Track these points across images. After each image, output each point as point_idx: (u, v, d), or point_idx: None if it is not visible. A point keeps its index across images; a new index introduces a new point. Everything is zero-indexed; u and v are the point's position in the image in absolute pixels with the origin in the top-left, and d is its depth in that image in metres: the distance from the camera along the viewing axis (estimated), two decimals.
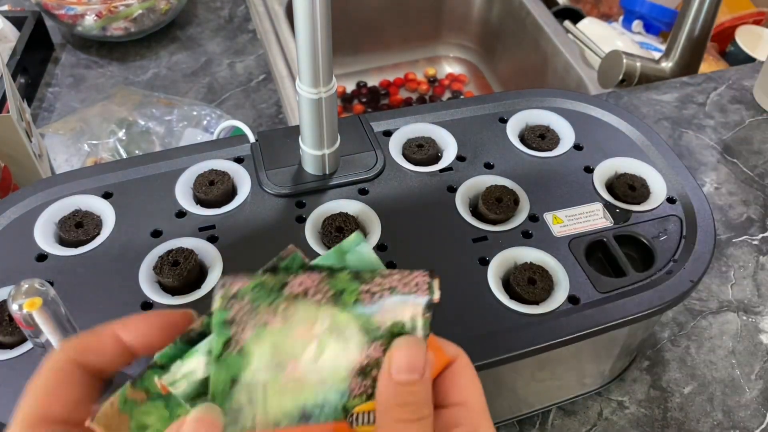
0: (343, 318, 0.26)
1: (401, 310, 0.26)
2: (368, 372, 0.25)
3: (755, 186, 0.64)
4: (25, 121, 0.58)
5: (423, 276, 0.26)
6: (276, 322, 0.25)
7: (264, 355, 0.25)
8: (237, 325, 0.25)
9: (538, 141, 0.48)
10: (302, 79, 0.39)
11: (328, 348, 0.26)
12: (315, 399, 0.25)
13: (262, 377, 0.25)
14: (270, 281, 0.26)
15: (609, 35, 0.93)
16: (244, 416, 0.24)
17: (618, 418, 0.48)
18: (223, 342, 0.25)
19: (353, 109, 1.04)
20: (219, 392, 0.24)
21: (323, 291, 0.26)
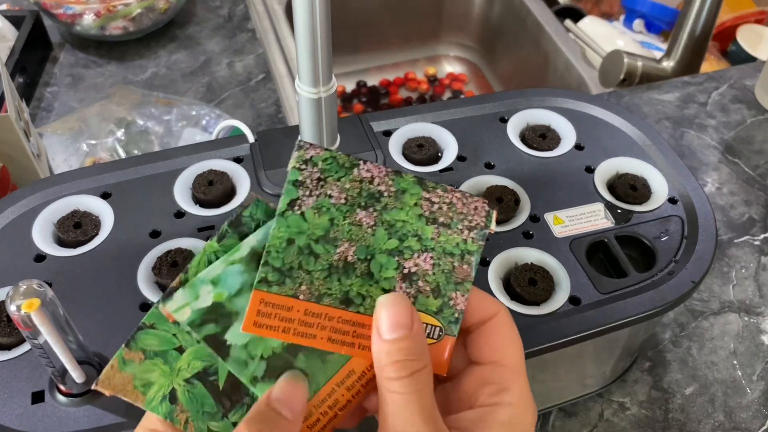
0: (401, 217, 0.27)
1: (457, 228, 0.27)
2: (414, 280, 0.26)
3: (757, 186, 0.63)
4: (23, 120, 0.58)
5: (483, 203, 0.27)
6: (340, 199, 0.26)
7: (321, 227, 0.26)
8: (305, 188, 0.26)
9: (539, 141, 0.48)
10: (302, 79, 0.38)
11: (382, 242, 0.26)
12: (359, 288, 0.26)
13: (315, 248, 0.26)
14: (343, 158, 0.27)
15: (610, 34, 0.93)
16: (292, 279, 0.25)
17: (619, 419, 0.48)
18: (289, 200, 0.26)
19: (353, 109, 1.04)
20: (275, 247, 0.25)
21: (387, 184, 0.27)
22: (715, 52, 0.95)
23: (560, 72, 0.89)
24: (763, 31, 0.93)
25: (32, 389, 0.33)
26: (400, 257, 0.26)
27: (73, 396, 0.32)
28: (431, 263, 0.26)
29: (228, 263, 0.26)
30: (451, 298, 0.26)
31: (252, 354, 0.25)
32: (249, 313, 0.25)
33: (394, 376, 0.24)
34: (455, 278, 0.26)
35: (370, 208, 0.26)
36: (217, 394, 0.26)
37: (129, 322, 0.36)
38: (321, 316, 0.25)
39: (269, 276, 0.25)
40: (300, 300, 0.25)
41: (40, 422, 0.32)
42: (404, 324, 0.24)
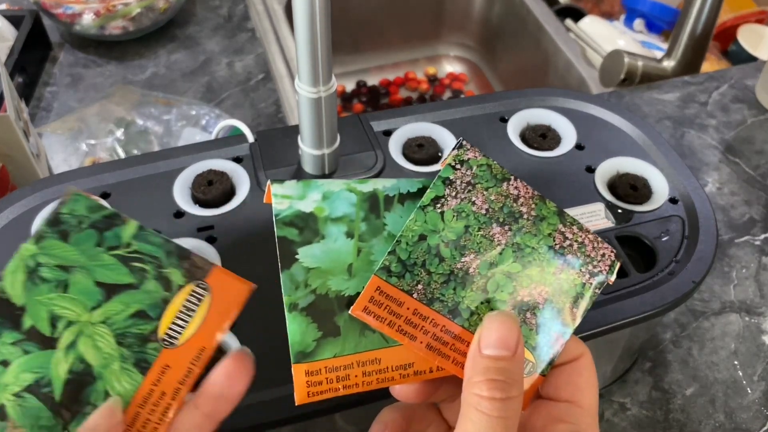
0: (532, 243, 0.26)
1: (580, 270, 0.26)
2: (523, 310, 0.26)
3: (757, 186, 0.63)
4: (22, 120, 0.58)
5: (611, 252, 0.27)
6: (481, 209, 0.26)
7: (455, 232, 0.26)
8: (453, 188, 0.26)
9: (539, 141, 0.48)
10: (301, 78, 0.38)
11: (506, 263, 0.26)
12: (471, 302, 0.25)
13: (443, 250, 0.25)
14: (497, 168, 0.27)
15: (610, 34, 0.93)
16: (412, 275, 0.25)
17: (620, 419, 0.48)
18: (434, 196, 0.26)
19: (353, 109, 1.03)
20: (406, 239, 0.25)
21: (529, 206, 0.27)
22: (716, 52, 0.95)
23: (561, 72, 0.89)
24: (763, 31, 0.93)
25: None
26: (518, 283, 0.26)
27: None
28: (545, 298, 0.26)
29: (348, 187, 0.25)
30: (552, 338, 0.26)
31: (309, 282, 0.25)
32: (362, 297, 0.24)
33: (487, 395, 0.23)
34: (562, 319, 0.26)
35: (506, 226, 0.26)
36: (54, 406, 0.24)
37: None
38: (427, 320, 0.25)
39: (392, 266, 0.25)
40: (413, 298, 0.25)
41: None
42: (510, 345, 0.24)
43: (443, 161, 0.26)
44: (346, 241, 0.25)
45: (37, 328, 0.25)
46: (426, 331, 0.25)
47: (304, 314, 0.25)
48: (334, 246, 0.25)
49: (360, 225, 0.26)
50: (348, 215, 0.25)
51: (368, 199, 0.26)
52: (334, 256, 0.25)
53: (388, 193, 0.26)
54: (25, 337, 0.25)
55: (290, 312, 0.25)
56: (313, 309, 0.25)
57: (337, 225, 0.25)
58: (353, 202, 0.26)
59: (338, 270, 0.25)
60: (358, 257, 0.26)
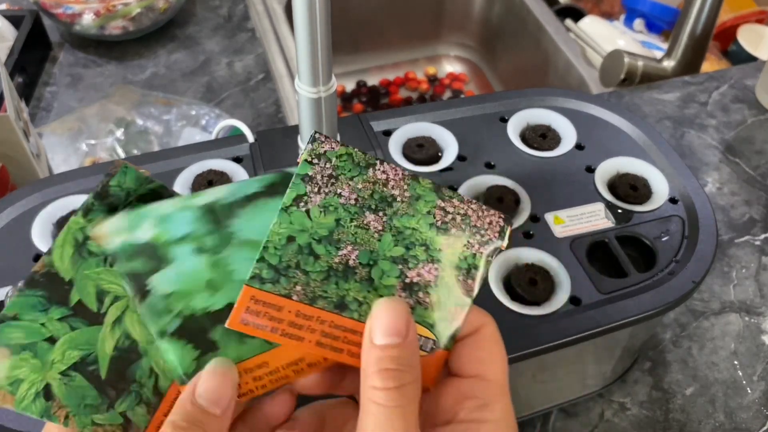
0: (411, 224, 0.26)
1: (467, 242, 0.26)
2: (415, 291, 0.25)
3: (757, 186, 0.63)
4: (22, 120, 0.58)
5: (498, 217, 0.26)
6: (350, 199, 0.25)
7: (326, 227, 0.25)
8: (314, 184, 0.25)
9: (539, 140, 0.48)
10: (301, 78, 0.38)
11: (387, 248, 0.25)
12: (357, 294, 0.25)
13: (316, 248, 0.25)
14: (359, 156, 0.26)
15: (610, 34, 0.93)
16: (287, 278, 0.24)
17: (619, 419, 0.48)
18: (295, 195, 0.25)
19: (353, 109, 1.03)
20: (273, 243, 0.24)
21: (402, 188, 0.26)
22: (716, 52, 0.95)
23: (560, 72, 0.89)
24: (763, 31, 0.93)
25: None
26: (404, 266, 0.25)
27: None
28: (435, 275, 0.25)
29: (182, 207, 0.24)
30: (450, 312, 0.25)
31: (171, 307, 0.24)
32: (237, 309, 0.23)
33: (380, 385, 0.22)
34: (457, 293, 0.25)
35: (380, 212, 0.25)
36: (100, 384, 0.24)
37: None
38: (312, 319, 0.24)
39: (263, 273, 0.24)
40: (293, 300, 0.24)
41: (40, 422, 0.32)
42: (399, 331, 0.23)
43: (299, 157, 0.25)
44: (197, 258, 0.24)
45: (84, 303, 0.24)
46: (313, 329, 0.24)
47: (176, 338, 0.24)
48: (185, 267, 0.24)
49: (206, 239, 0.25)
50: (191, 233, 0.24)
51: (206, 213, 0.25)
52: (188, 276, 0.24)
53: (226, 200, 0.25)
54: (73, 313, 0.24)
55: (161, 339, 0.24)
56: (184, 331, 0.24)
57: (181, 246, 0.24)
58: (192, 219, 0.25)
59: (197, 288, 0.24)
60: (214, 271, 0.25)
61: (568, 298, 0.38)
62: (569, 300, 0.38)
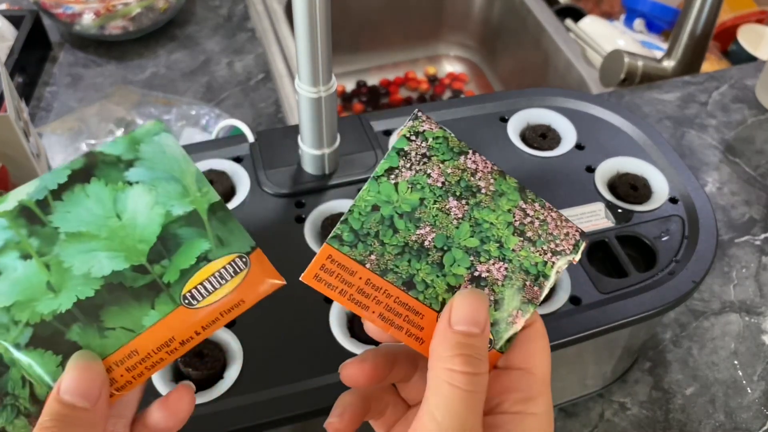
0: (490, 218, 0.26)
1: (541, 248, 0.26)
2: (482, 285, 0.25)
3: (757, 186, 0.63)
4: (22, 120, 0.58)
5: (576, 231, 0.26)
6: (437, 181, 0.26)
7: (410, 204, 0.25)
8: (407, 159, 0.26)
9: (540, 140, 0.48)
10: (302, 78, 0.38)
11: (463, 237, 0.26)
12: (426, 275, 0.25)
13: (397, 222, 0.25)
14: (454, 141, 0.26)
15: (610, 34, 0.92)
16: (365, 245, 0.25)
17: (620, 419, 0.48)
18: (388, 166, 0.25)
19: (353, 109, 1.03)
20: (359, 208, 0.25)
21: (488, 181, 0.26)
22: (716, 52, 0.95)
23: (561, 71, 0.89)
24: (763, 31, 0.93)
25: None
26: (476, 258, 0.26)
27: None
28: (504, 274, 0.26)
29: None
30: (511, 315, 0.25)
31: (16, 318, 0.23)
32: (313, 265, 0.24)
33: (460, 369, 0.23)
34: (522, 297, 0.26)
35: (463, 200, 0.26)
36: None
37: None
38: (380, 291, 0.25)
39: (344, 235, 0.25)
40: (366, 268, 0.25)
41: None
42: (478, 322, 0.24)
43: (398, 132, 0.26)
44: (27, 263, 0.24)
45: None
46: (379, 301, 0.25)
47: (32, 348, 0.23)
48: (17, 275, 0.23)
49: (29, 242, 0.24)
50: (10, 240, 0.23)
51: (20, 214, 0.24)
52: (23, 284, 0.23)
53: (37, 197, 0.24)
54: None
55: (18, 352, 0.23)
56: (38, 339, 0.23)
57: (5, 255, 0.23)
58: (5, 225, 0.24)
59: (38, 293, 0.23)
60: (50, 271, 0.24)
61: (568, 297, 0.38)
62: (569, 300, 0.38)
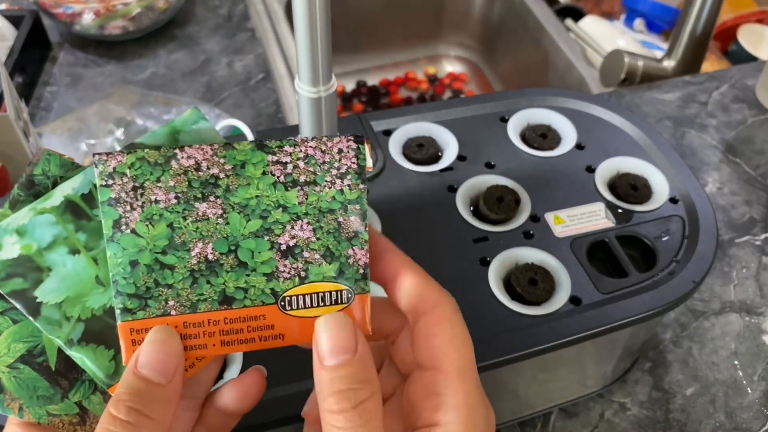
0: (251, 193, 0.24)
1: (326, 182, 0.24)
2: (297, 253, 0.24)
3: (758, 186, 0.63)
4: (22, 120, 0.58)
5: (347, 141, 0.24)
6: (169, 200, 0.23)
7: (162, 236, 0.23)
8: (123, 204, 0.23)
9: (540, 140, 0.47)
10: (301, 78, 0.38)
11: (240, 227, 0.23)
12: (236, 282, 0.23)
13: (165, 259, 0.23)
14: (153, 156, 0.23)
15: (611, 34, 0.92)
16: (155, 299, 0.23)
17: (620, 419, 0.48)
18: (111, 222, 0.23)
19: (353, 109, 1.03)
20: (119, 274, 0.23)
21: (219, 164, 0.24)
22: (716, 52, 0.95)
23: (561, 71, 0.89)
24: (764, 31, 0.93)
25: None
26: (271, 235, 0.23)
27: None
28: (311, 229, 0.24)
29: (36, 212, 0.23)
30: (348, 256, 0.24)
31: (67, 314, 0.23)
32: (125, 348, 0.23)
33: (337, 408, 0.21)
34: (345, 234, 0.24)
35: (210, 197, 0.23)
36: (50, 375, 0.24)
37: None
38: (203, 324, 0.23)
39: (127, 304, 0.23)
40: (174, 316, 0.23)
41: None
42: (347, 347, 0.22)
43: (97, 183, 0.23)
44: (76, 258, 0.24)
45: None
46: (210, 333, 0.23)
47: (85, 344, 0.23)
48: (66, 270, 0.23)
49: (77, 237, 0.24)
50: (59, 235, 0.23)
51: (66, 210, 0.24)
52: (74, 279, 0.24)
53: (82, 191, 0.24)
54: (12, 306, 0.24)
55: (70, 349, 0.23)
56: (90, 334, 0.23)
57: (54, 251, 0.23)
58: (52, 221, 0.23)
59: (88, 288, 0.24)
60: (99, 266, 0.24)
61: (569, 298, 0.38)
62: (569, 300, 0.38)
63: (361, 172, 0.24)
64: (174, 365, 0.22)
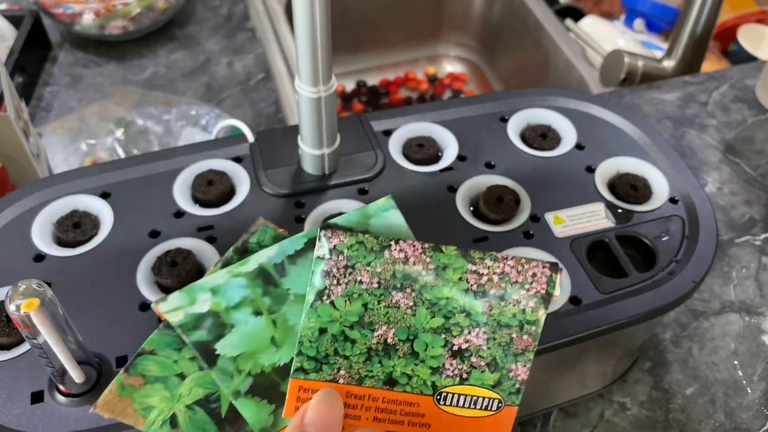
0: (444, 294, 0.26)
1: (513, 299, 0.26)
2: (466, 356, 0.26)
3: (757, 186, 0.63)
4: (22, 120, 0.58)
5: (543, 267, 0.26)
6: (372, 283, 0.26)
7: (355, 314, 0.26)
8: (332, 277, 0.26)
9: (540, 140, 0.48)
10: (301, 78, 0.38)
11: (424, 321, 0.26)
12: (404, 368, 0.25)
13: (350, 333, 0.25)
14: (370, 242, 0.26)
15: (611, 34, 0.93)
16: (329, 365, 0.25)
17: (620, 419, 0.48)
18: (316, 291, 0.26)
19: (353, 109, 1.03)
20: (307, 337, 0.25)
21: (424, 262, 0.26)
22: (716, 52, 0.95)
23: (561, 71, 0.89)
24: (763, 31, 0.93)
25: (32, 389, 0.33)
26: (448, 335, 0.26)
27: (72, 396, 0.32)
28: (485, 338, 0.26)
29: (232, 275, 0.26)
30: (510, 370, 0.26)
31: (240, 368, 0.25)
32: (289, 400, 0.25)
33: None
34: (514, 350, 0.26)
35: (407, 289, 0.26)
36: (219, 422, 0.26)
37: (129, 322, 0.35)
38: (364, 398, 0.25)
39: (305, 364, 0.25)
40: (341, 384, 0.25)
41: (40, 422, 0.32)
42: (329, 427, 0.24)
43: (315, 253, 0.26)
44: (257, 319, 0.26)
45: None
46: (367, 407, 0.25)
47: (250, 396, 0.25)
48: (247, 329, 0.26)
49: (262, 300, 0.26)
50: (246, 297, 0.26)
51: (258, 276, 0.26)
52: (252, 337, 0.26)
53: (275, 261, 0.26)
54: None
55: (236, 399, 0.25)
56: (256, 388, 0.26)
57: (240, 311, 0.26)
58: (244, 284, 0.26)
59: (263, 346, 0.26)
60: (276, 328, 0.26)
61: (568, 298, 0.38)
62: (569, 300, 0.38)
63: (547, 299, 0.26)
64: (334, 427, 0.24)
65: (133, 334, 0.35)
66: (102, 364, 0.33)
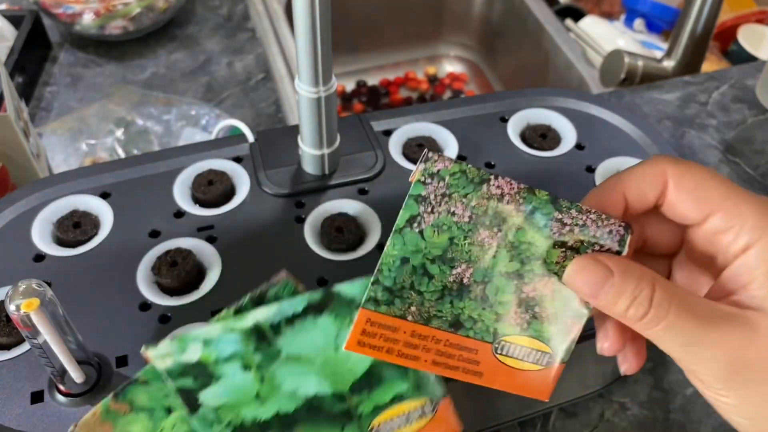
0: (527, 239, 0.25)
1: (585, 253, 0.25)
2: (531, 305, 0.25)
3: (757, 186, 0.63)
4: (22, 120, 0.58)
5: (619, 226, 0.25)
6: (463, 217, 0.25)
7: (439, 247, 0.25)
8: (427, 204, 0.25)
9: (540, 140, 0.48)
10: (301, 78, 0.38)
11: (502, 264, 0.25)
12: (471, 311, 0.25)
13: (430, 268, 0.25)
14: (473, 172, 0.25)
15: (611, 34, 0.93)
16: (402, 300, 0.24)
17: (620, 419, 0.48)
18: (408, 216, 0.25)
19: (353, 109, 1.03)
20: (387, 265, 0.24)
21: (517, 202, 0.25)
22: (716, 52, 0.95)
23: (561, 71, 0.89)
24: (763, 31, 0.93)
25: (32, 389, 0.33)
26: (520, 281, 0.25)
27: (72, 396, 0.32)
28: (552, 288, 0.25)
29: (227, 330, 0.25)
30: (566, 325, 0.25)
31: (221, 417, 0.25)
32: (354, 332, 0.24)
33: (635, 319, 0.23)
34: (574, 305, 0.25)
35: (494, 228, 0.25)
36: None
37: (129, 322, 0.35)
38: (428, 339, 0.24)
39: (378, 295, 0.24)
40: (408, 321, 0.24)
41: (40, 422, 0.32)
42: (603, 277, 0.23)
43: (412, 176, 0.25)
44: (245, 373, 0.25)
45: None
46: (428, 348, 0.24)
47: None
48: (233, 382, 0.25)
49: (253, 357, 0.25)
50: (238, 352, 0.25)
51: (252, 332, 0.25)
52: (237, 390, 0.25)
53: (272, 321, 0.25)
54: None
55: None
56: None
57: (229, 364, 0.25)
58: (237, 340, 0.25)
59: (247, 400, 0.25)
60: (262, 384, 0.25)
61: None
62: None
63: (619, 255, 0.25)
64: None
65: (133, 334, 0.35)
66: (102, 364, 0.33)
